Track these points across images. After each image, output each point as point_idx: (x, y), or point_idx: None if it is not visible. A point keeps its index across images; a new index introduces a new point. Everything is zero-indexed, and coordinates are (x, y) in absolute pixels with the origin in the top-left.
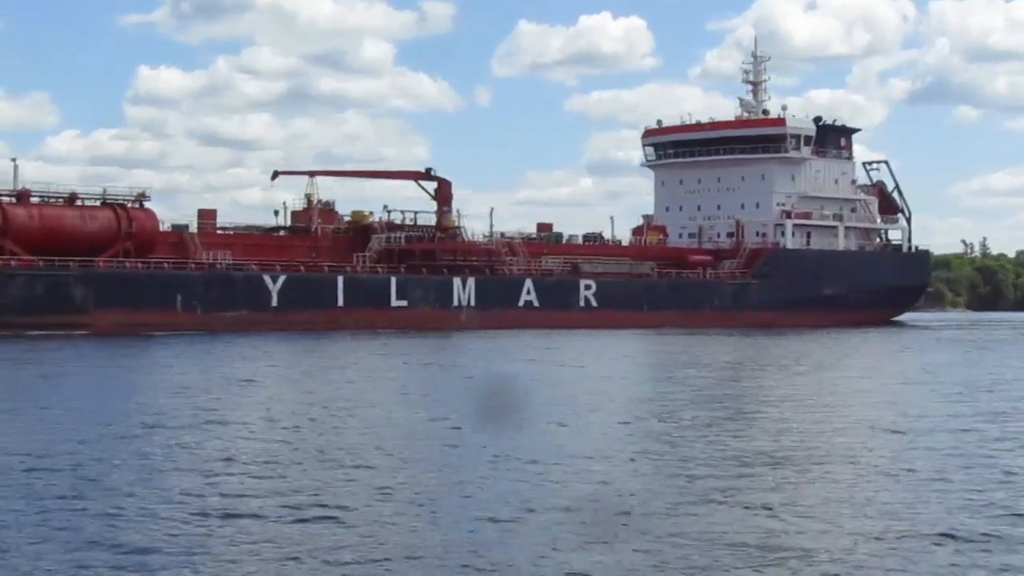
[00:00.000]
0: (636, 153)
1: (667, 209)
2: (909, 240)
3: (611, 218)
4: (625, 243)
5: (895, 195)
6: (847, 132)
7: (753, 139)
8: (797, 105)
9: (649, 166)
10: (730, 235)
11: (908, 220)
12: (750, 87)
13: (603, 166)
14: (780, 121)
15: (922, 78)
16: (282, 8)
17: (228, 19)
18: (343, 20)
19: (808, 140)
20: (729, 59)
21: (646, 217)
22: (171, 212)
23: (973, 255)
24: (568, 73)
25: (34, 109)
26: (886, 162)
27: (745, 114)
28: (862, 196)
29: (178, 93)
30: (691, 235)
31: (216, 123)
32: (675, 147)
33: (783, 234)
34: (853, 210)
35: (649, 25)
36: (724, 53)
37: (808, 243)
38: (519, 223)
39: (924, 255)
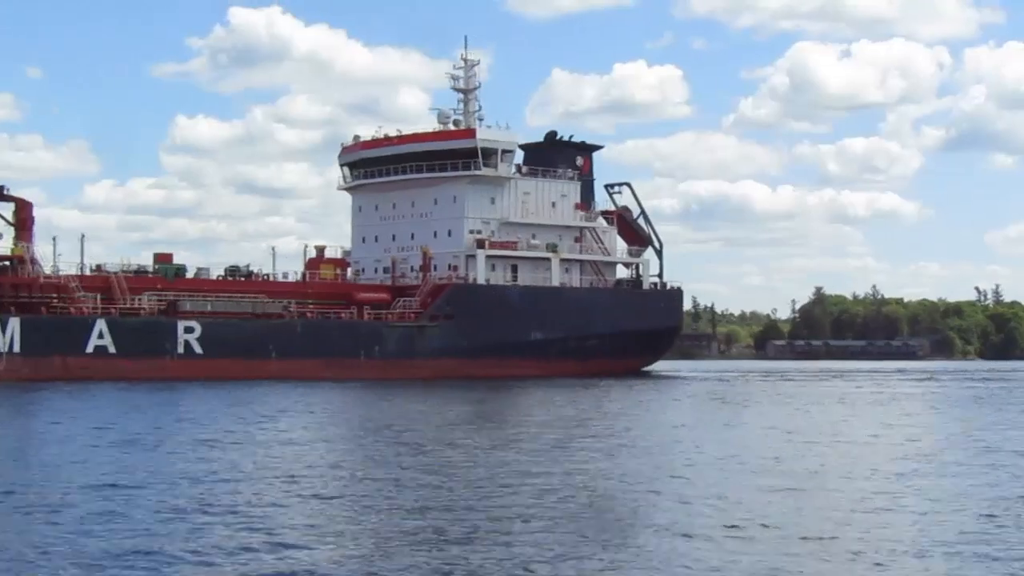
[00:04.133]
0: (670, 202)
1: (363, 239)
2: (661, 275)
3: (272, 248)
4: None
5: (641, 222)
6: (586, 149)
7: (444, 154)
8: (830, 153)
9: (346, 190)
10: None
11: (659, 252)
12: (460, 96)
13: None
14: (469, 133)
15: (957, 125)
16: (318, 57)
17: (264, 69)
18: (379, 69)
19: (508, 155)
20: (764, 107)
21: (319, 248)
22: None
23: (986, 302)
24: (602, 122)
25: (72, 158)
26: (628, 184)
27: (440, 126)
28: (593, 224)
29: (214, 142)
30: (386, 269)
31: (252, 172)
32: (367, 166)
33: (476, 266)
34: (577, 239)
35: (684, 74)
36: (759, 101)
37: (515, 278)
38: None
39: (675, 293)
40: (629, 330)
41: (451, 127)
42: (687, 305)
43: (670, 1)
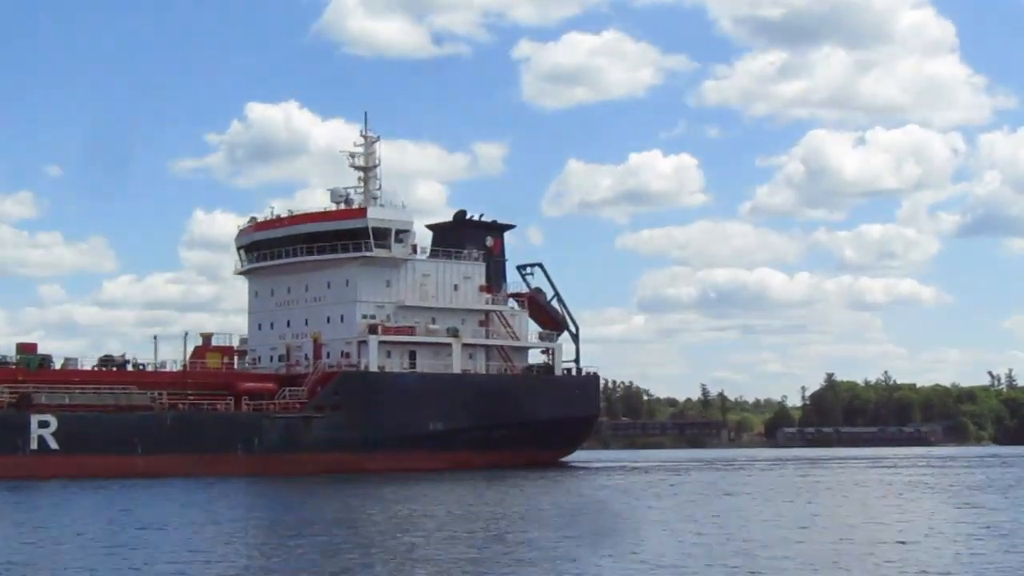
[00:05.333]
0: (688, 290)
1: (259, 326)
2: (577, 360)
3: (155, 337)
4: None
5: (556, 305)
6: (496, 229)
7: (334, 235)
8: (847, 239)
9: (241, 274)
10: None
11: (575, 336)
12: (360, 174)
13: (655, 304)
14: (360, 212)
15: (972, 211)
16: (335, 151)
17: (282, 163)
18: (396, 162)
19: (404, 235)
20: (780, 195)
21: (205, 335)
22: None
23: (1000, 387)
24: (618, 211)
25: (91, 254)
26: (540, 265)
27: (334, 206)
28: (500, 307)
29: (233, 236)
30: (281, 357)
31: None
32: (261, 248)
33: (368, 353)
34: (482, 323)
35: (699, 163)
36: (774, 189)
37: (413, 365)
38: None
39: (591, 380)
40: (541, 419)
41: (343, 207)
42: (694, 393)
43: (683, 90)
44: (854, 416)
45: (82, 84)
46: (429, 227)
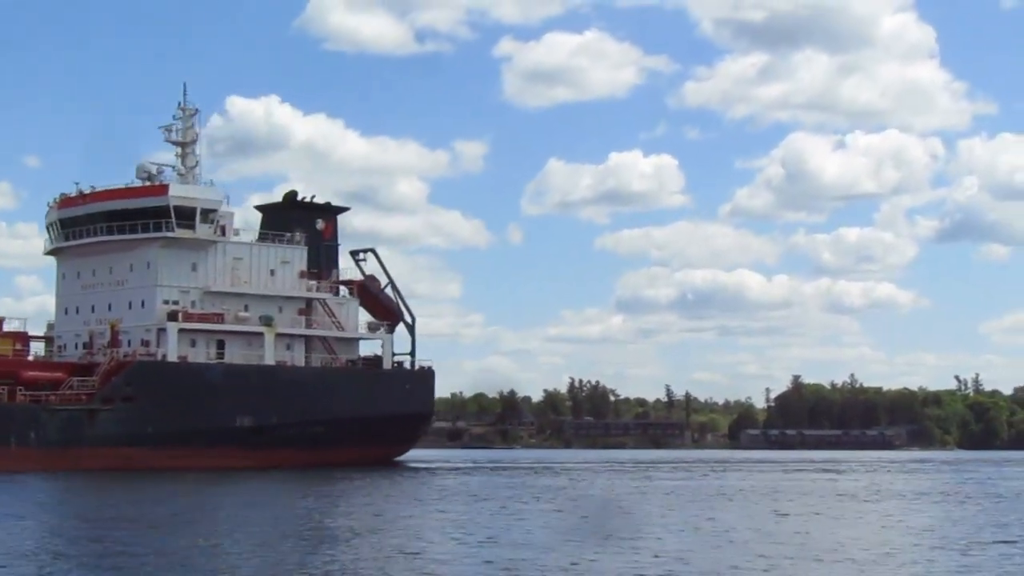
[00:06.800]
0: (666, 291)
1: (65, 311)
2: (413, 354)
3: None
4: None
5: (390, 294)
6: (329, 211)
7: (136, 214)
8: (825, 243)
9: (50, 254)
10: None
11: (411, 328)
12: (177, 149)
13: (634, 304)
14: (161, 189)
15: (950, 216)
16: (315, 147)
17: (262, 157)
18: (376, 159)
19: (210, 215)
20: (759, 197)
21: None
22: None
23: (966, 391)
24: (597, 211)
25: None
26: (373, 251)
27: (138, 182)
28: (324, 294)
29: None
30: (85, 345)
31: None
32: (66, 227)
33: (167, 341)
34: (302, 312)
35: (680, 164)
36: (754, 191)
37: (221, 355)
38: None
39: (425, 374)
40: (365, 416)
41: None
42: (659, 394)
43: (664, 91)
44: (820, 418)
45: (62, 76)
46: (258, 208)
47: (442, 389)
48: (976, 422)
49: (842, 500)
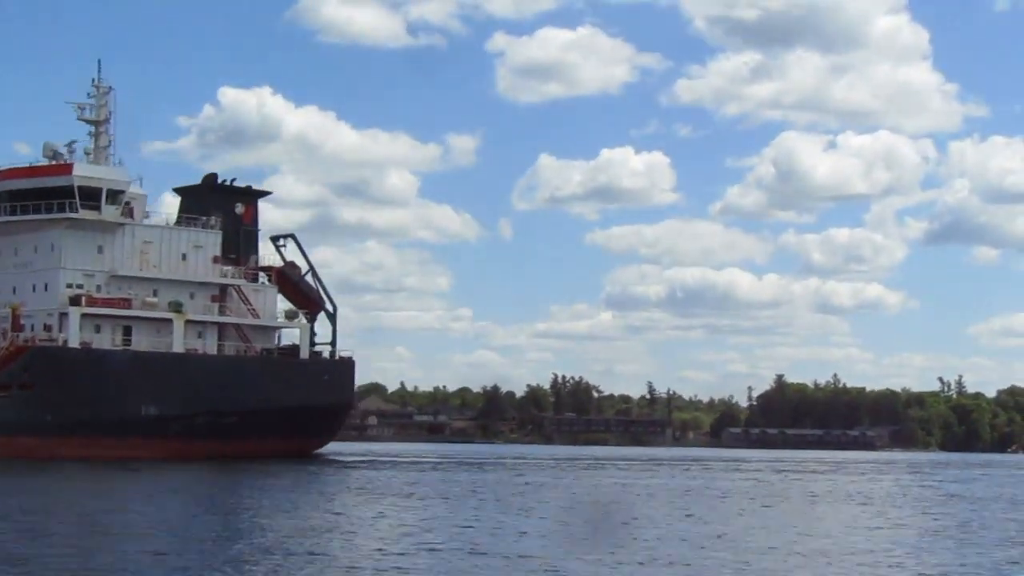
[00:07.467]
0: (656, 288)
1: None
2: (334, 344)
3: None
4: None
5: (311, 281)
6: (250, 195)
7: (39, 193)
8: (815, 243)
9: None
10: None
11: (332, 317)
12: (90, 128)
13: (623, 301)
14: (65, 168)
15: (940, 218)
16: (307, 138)
17: (253, 149)
18: (367, 151)
19: (117, 196)
20: (750, 196)
21: None
22: None
23: (949, 393)
24: (588, 207)
25: None
26: (293, 236)
27: (45, 160)
28: (239, 281)
29: None
30: None
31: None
32: None
33: (69, 326)
34: (216, 298)
35: (671, 161)
36: (745, 190)
37: (128, 342)
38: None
39: (345, 364)
40: (279, 407)
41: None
42: (642, 390)
43: (656, 88)
44: (802, 418)
45: (55, 63)
46: (176, 191)
47: (424, 383)
48: (959, 424)
49: (768, 502)
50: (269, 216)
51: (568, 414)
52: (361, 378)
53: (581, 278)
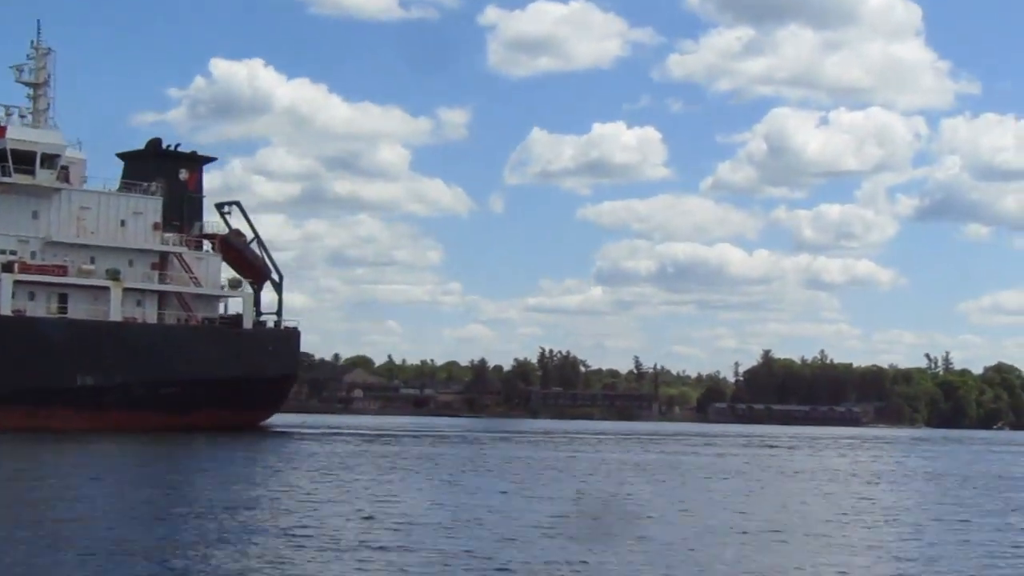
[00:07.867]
0: (647, 263)
1: None
2: (280, 314)
3: None
4: None
5: (256, 249)
6: (194, 161)
7: None
8: (806, 219)
9: None
10: None
11: (278, 286)
12: (29, 90)
13: (614, 276)
14: None
15: (931, 195)
16: (298, 111)
17: (244, 121)
18: (359, 124)
19: (53, 160)
20: (741, 172)
21: None
22: None
23: (936, 370)
24: (579, 182)
25: None
26: (238, 203)
27: None
28: (180, 248)
29: None
30: None
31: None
32: None
33: (1, 295)
34: (156, 266)
35: (663, 136)
36: (736, 166)
37: (64, 310)
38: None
39: (290, 334)
40: (220, 377)
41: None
42: (630, 365)
43: (648, 63)
44: (789, 394)
45: (44, 34)
46: (120, 156)
47: (414, 357)
48: (945, 400)
49: (720, 476)
50: (260, 188)
51: (555, 388)
52: (349, 351)
53: (572, 253)
